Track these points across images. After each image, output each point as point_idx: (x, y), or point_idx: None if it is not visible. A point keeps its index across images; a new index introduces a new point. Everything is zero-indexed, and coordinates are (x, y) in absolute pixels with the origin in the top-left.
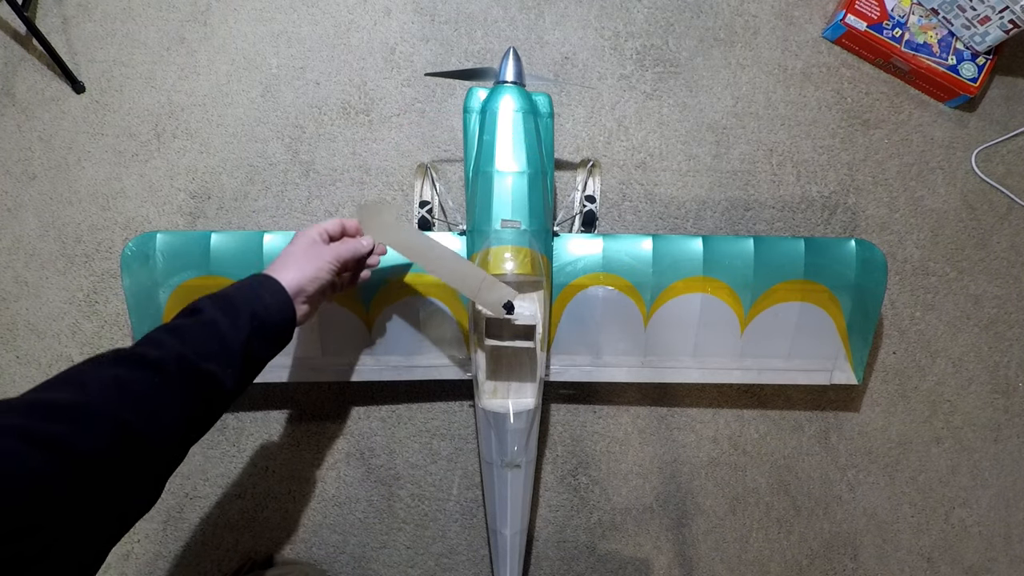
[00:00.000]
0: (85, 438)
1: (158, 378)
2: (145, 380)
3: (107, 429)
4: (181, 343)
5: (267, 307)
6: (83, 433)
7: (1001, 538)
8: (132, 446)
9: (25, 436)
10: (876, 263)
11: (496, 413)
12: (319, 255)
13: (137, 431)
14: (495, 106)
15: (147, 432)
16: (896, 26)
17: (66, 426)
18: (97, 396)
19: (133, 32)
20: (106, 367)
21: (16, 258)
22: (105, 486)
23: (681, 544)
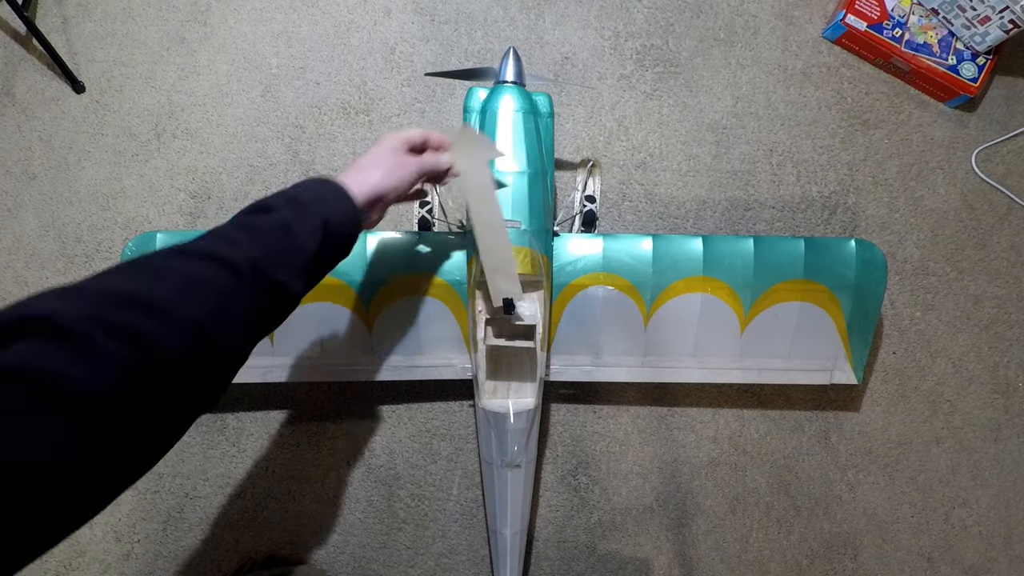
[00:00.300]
0: (166, 336)
1: (233, 281)
2: (221, 282)
3: (185, 328)
4: (256, 246)
5: (337, 214)
6: (163, 330)
7: (1001, 538)
8: (206, 349)
9: (101, 324)
10: (876, 263)
11: (496, 413)
12: (403, 165)
13: (210, 334)
14: (495, 106)
15: (219, 336)
16: (896, 26)
17: (146, 321)
18: (174, 292)
19: (133, 32)
20: (180, 261)
21: (16, 258)
22: (179, 389)
23: (681, 544)
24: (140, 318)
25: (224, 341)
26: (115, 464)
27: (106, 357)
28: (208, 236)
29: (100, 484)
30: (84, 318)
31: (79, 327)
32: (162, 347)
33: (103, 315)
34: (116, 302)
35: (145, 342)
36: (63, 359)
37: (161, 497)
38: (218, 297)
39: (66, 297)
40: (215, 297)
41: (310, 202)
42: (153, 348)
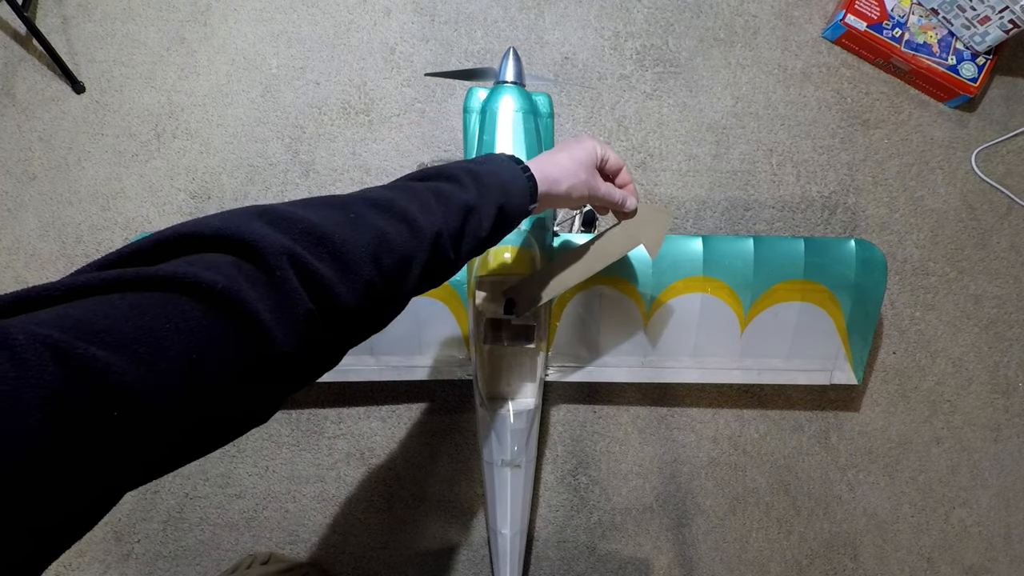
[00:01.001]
0: (346, 291)
1: (415, 247)
2: (406, 246)
3: (363, 286)
4: (443, 218)
5: (512, 204)
6: (345, 285)
7: (1001, 538)
8: (371, 309)
9: (297, 265)
10: (876, 263)
11: (496, 413)
12: (592, 185)
13: (379, 295)
14: (495, 106)
15: (385, 298)
16: (896, 26)
17: (334, 272)
18: (365, 247)
19: (133, 32)
20: (376, 213)
21: (16, 258)
22: (334, 343)
23: (681, 544)
24: (329, 267)
25: (387, 303)
26: (260, 397)
27: (294, 306)
28: (403, 191)
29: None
30: (283, 253)
31: (279, 263)
32: (339, 301)
33: (300, 255)
34: (313, 241)
35: (328, 293)
36: (257, 297)
37: (161, 497)
38: (400, 261)
39: (273, 223)
40: (397, 260)
41: (494, 186)
42: (332, 300)
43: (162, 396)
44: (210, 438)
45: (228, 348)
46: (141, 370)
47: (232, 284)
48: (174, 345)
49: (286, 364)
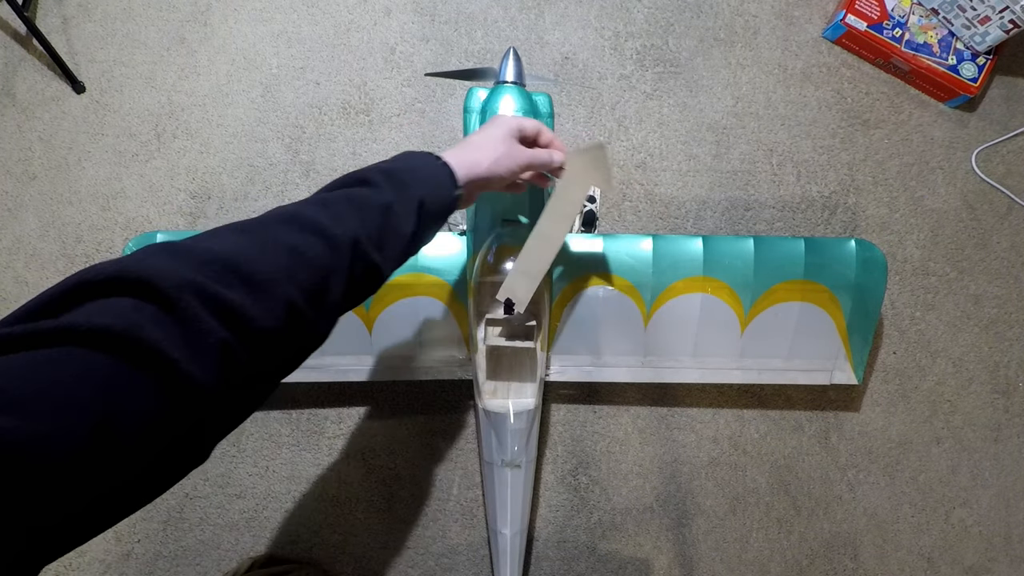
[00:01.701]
0: (260, 314)
1: (333, 259)
2: (322, 258)
3: (281, 306)
4: (359, 223)
5: (434, 196)
6: (259, 307)
7: (1001, 538)
8: (295, 328)
9: (202, 295)
10: (876, 263)
11: (496, 413)
12: (514, 155)
13: (302, 314)
14: (495, 106)
15: (309, 316)
16: (896, 26)
17: (243, 296)
18: (274, 265)
19: (133, 32)
20: (286, 230)
21: (16, 258)
22: (259, 367)
23: (681, 544)
24: (240, 292)
25: (313, 321)
26: (185, 439)
27: (205, 336)
28: (314, 203)
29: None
30: (184, 286)
31: (180, 296)
32: (255, 325)
33: (203, 285)
34: (218, 269)
35: (241, 319)
36: (163, 336)
37: (161, 497)
38: (319, 275)
39: (173, 257)
40: (315, 275)
41: (410, 181)
42: (247, 325)
43: (64, 451)
44: (145, 486)
45: (140, 393)
46: (38, 427)
47: (131, 326)
48: (78, 399)
49: (209, 399)
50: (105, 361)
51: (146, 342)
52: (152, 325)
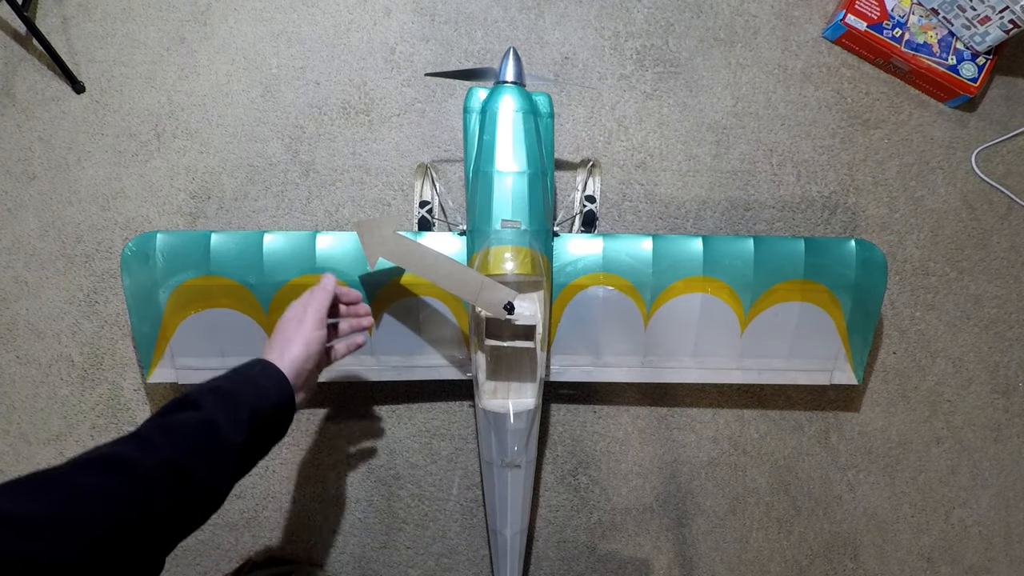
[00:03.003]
0: (62, 552)
1: (144, 489)
2: (133, 491)
3: (84, 543)
4: (173, 446)
5: (266, 401)
6: (59, 548)
7: (1001, 538)
8: (110, 556)
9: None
10: (876, 263)
11: (496, 413)
12: (304, 328)
13: (118, 543)
14: (495, 106)
15: (128, 544)
16: (896, 26)
17: (40, 543)
18: (78, 510)
19: (133, 32)
20: (91, 474)
21: (16, 258)
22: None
23: (681, 544)
24: (14, 540)
25: (135, 545)
26: None
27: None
28: (122, 440)
29: None
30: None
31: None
32: (51, 568)
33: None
34: (13, 530)
35: (35, 563)
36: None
37: None
38: (128, 508)
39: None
40: (124, 508)
41: (239, 391)
42: (46, 566)
43: None
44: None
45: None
46: None
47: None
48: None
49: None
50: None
51: None
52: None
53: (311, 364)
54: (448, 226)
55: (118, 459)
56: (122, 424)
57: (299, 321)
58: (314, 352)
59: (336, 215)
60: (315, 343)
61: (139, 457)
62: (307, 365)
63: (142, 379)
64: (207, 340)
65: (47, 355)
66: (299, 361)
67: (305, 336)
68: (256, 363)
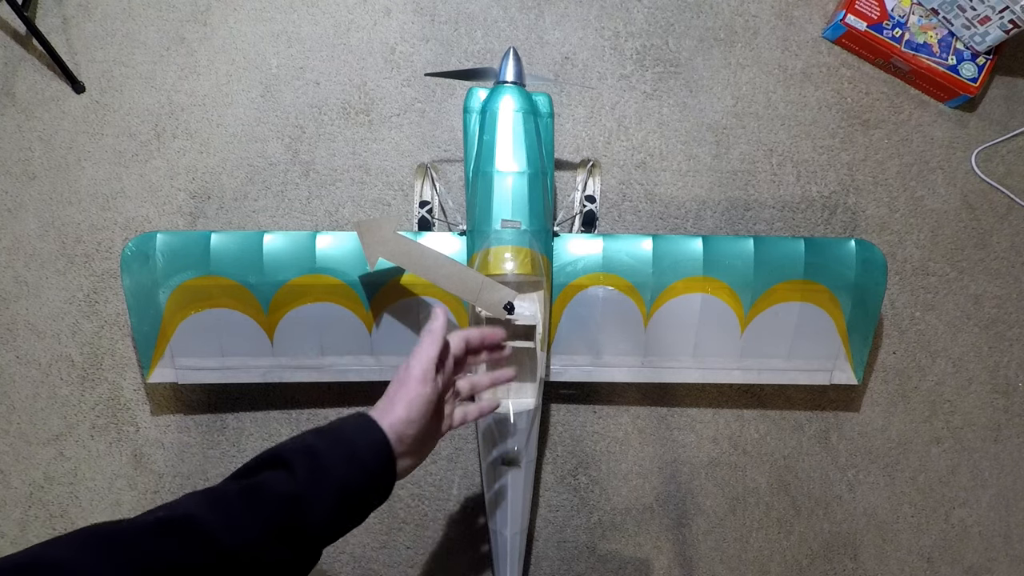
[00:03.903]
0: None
1: (220, 568)
2: (206, 569)
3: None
4: (257, 524)
5: (363, 470)
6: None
7: (1001, 538)
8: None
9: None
10: (876, 263)
11: (496, 413)
12: (405, 387)
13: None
14: (495, 106)
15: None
16: (896, 26)
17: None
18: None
19: (133, 32)
20: (158, 539)
21: (16, 258)
22: None
23: (681, 544)
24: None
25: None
26: None
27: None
28: (206, 500)
29: None
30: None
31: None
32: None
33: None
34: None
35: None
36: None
37: (161, 497)
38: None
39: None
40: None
41: (330, 460)
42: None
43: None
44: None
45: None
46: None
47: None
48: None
49: None
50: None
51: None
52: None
53: (414, 429)
54: (448, 226)
55: (199, 531)
56: (122, 424)
57: (400, 380)
58: (417, 416)
59: (336, 215)
60: (418, 403)
61: (221, 535)
62: (409, 430)
63: (142, 379)
64: (207, 340)
65: (47, 355)
66: (399, 425)
67: (407, 396)
68: (358, 420)
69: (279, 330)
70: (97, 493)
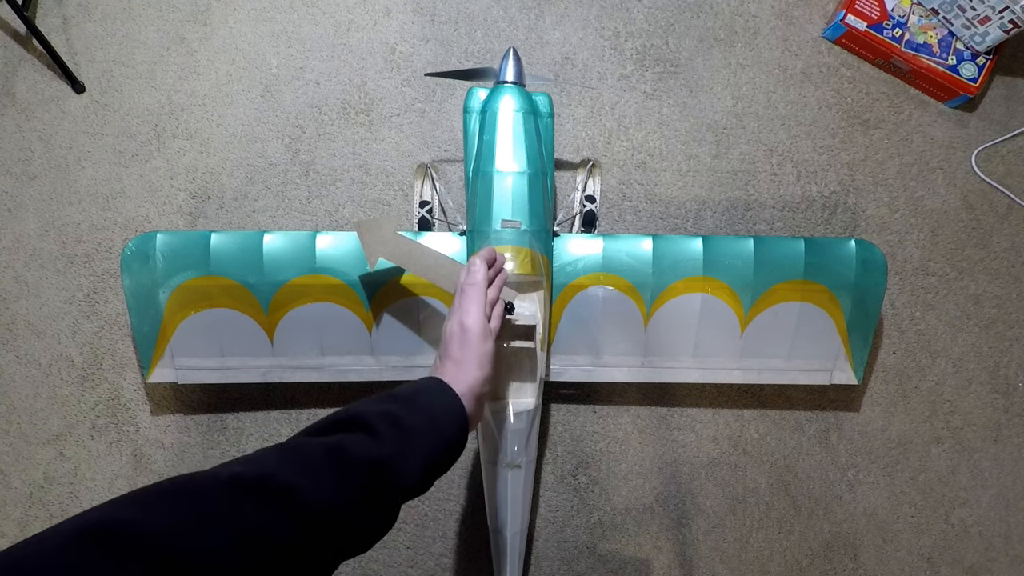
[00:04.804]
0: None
1: (300, 538)
2: (282, 537)
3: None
4: (342, 489)
5: (446, 442)
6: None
7: (1001, 538)
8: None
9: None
10: (876, 263)
11: (496, 413)
12: (469, 347)
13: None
14: (495, 106)
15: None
16: (896, 26)
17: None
18: (217, 553)
19: (133, 32)
20: (242, 502)
21: (16, 258)
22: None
23: (681, 544)
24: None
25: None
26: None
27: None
28: (287, 454)
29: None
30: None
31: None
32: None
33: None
34: (160, 561)
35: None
36: None
37: None
38: (278, 562)
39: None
40: (274, 560)
41: (415, 430)
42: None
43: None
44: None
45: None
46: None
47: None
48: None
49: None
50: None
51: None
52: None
53: (487, 387)
54: (448, 226)
55: (285, 490)
56: (122, 424)
57: (459, 340)
58: (488, 371)
59: (336, 215)
60: (487, 360)
61: (306, 497)
62: (484, 388)
63: (142, 379)
64: (207, 340)
65: (47, 355)
66: (477, 386)
67: (476, 356)
68: (435, 387)
69: (279, 330)
70: (97, 493)
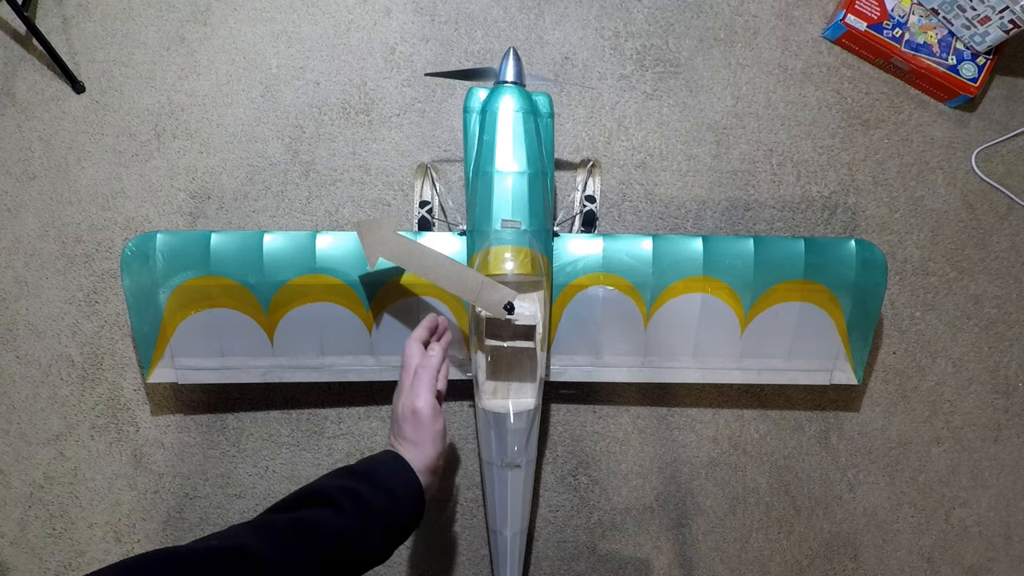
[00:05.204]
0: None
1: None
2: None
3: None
4: (307, 554)
5: (404, 514)
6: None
7: (1001, 538)
8: None
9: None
10: (876, 263)
11: (496, 413)
12: (421, 426)
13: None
14: (495, 106)
15: None
16: (896, 26)
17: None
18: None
19: (133, 32)
20: (221, 569)
21: (16, 258)
22: None
23: (681, 544)
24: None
25: None
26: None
27: None
28: (255, 528)
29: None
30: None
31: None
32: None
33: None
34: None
35: None
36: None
37: (161, 497)
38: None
39: None
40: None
41: (374, 505)
42: None
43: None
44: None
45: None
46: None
47: None
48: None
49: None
50: None
51: None
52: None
53: (441, 460)
54: (448, 226)
55: (253, 559)
56: (122, 424)
57: (414, 423)
58: (440, 448)
59: (336, 215)
60: (439, 436)
61: (276, 563)
62: (439, 463)
63: (142, 379)
64: (207, 340)
65: (47, 355)
66: (431, 463)
67: (431, 435)
68: (391, 463)
69: (279, 330)
70: (97, 493)
